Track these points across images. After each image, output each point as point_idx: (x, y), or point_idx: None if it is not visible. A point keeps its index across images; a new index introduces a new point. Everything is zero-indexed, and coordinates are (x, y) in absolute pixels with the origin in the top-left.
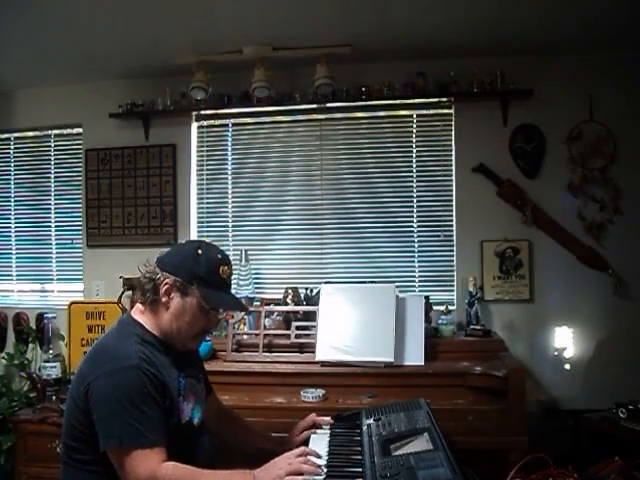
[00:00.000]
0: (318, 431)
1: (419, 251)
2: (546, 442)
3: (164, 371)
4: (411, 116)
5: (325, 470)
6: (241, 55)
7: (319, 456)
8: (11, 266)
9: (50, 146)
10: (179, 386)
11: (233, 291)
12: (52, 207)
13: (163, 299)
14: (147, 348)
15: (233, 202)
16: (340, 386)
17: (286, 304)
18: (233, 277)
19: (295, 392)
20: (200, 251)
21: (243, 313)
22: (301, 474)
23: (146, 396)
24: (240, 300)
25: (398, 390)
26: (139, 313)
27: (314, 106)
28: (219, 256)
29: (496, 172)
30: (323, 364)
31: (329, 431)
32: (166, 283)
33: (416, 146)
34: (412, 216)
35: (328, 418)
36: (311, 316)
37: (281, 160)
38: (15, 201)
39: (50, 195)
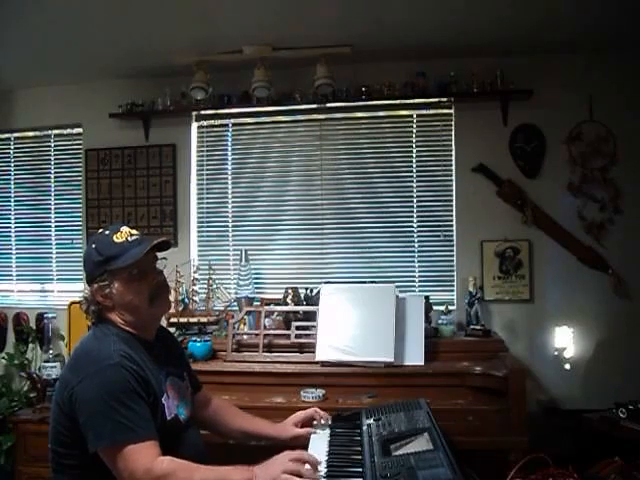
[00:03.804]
0: (318, 431)
1: (419, 251)
2: (546, 442)
3: (146, 367)
4: (411, 116)
5: (325, 470)
6: (241, 55)
7: (318, 468)
8: (11, 266)
9: (50, 146)
10: (161, 383)
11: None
12: (52, 207)
13: (105, 303)
14: (127, 345)
15: (233, 202)
16: (340, 386)
17: (286, 304)
18: (233, 277)
19: (295, 392)
20: (93, 245)
21: (243, 312)
22: (300, 476)
23: (131, 392)
24: (152, 240)
25: (398, 390)
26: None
27: (314, 106)
28: (107, 232)
29: (496, 172)
30: (323, 364)
31: (329, 431)
32: (95, 291)
33: (416, 146)
34: (412, 216)
35: (325, 414)
36: (311, 316)
37: (281, 160)
38: (15, 201)
39: (50, 195)
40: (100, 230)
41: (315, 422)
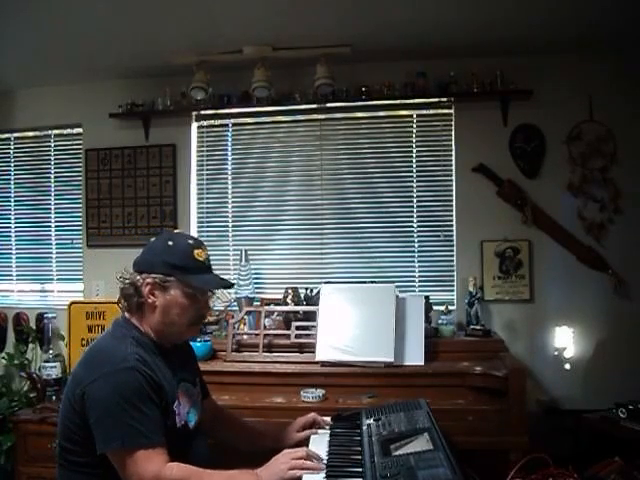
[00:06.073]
0: (319, 432)
1: (419, 251)
2: (546, 442)
3: (160, 373)
4: (411, 116)
5: (325, 470)
6: (241, 55)
7: (320, 459)
8: (11, 266)
9: (50, 146)
10: (174, 389)
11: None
12: (52, 207)
13: (149, 300)
14: (143, 350)
15: (233, 202)
16: (340, 386)
17: (286, 304)
18: (233, 277)
19: (295, 392)
20: (171, 242)
21: (243, 312)
22: (303, 468)
23: (144, 397)
24: (224, 278)
25: (398, 390)
26: (131, 317)
27: (314, 106)
28: (190, 241)
29: (496, 172)
30: (323, 364)
31: (329, 431)
32: (147, 284)
33: (416, 146)
34: (412, 216)
35: (327, 419)
36: (311, 316)
37: (281, 160)
38: (15, 201)
39: (50, 195)
40: (177, 231)
41: (317, 426)
